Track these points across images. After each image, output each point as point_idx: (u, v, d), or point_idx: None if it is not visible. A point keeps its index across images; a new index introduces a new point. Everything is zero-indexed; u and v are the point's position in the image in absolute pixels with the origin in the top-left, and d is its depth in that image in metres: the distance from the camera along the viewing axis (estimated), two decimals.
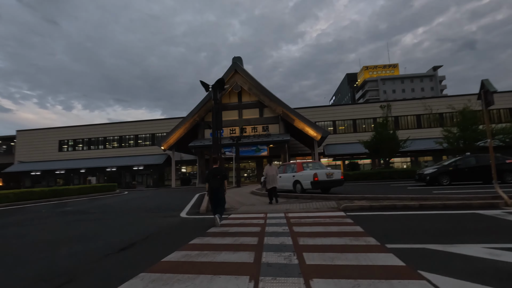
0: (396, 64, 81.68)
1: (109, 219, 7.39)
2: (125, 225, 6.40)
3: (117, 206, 10.94)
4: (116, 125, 43.41)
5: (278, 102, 30.21)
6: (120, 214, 8.23)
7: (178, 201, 11.90)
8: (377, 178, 17.49)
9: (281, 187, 12.19)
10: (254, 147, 30.32)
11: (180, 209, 8.92)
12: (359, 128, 39.79)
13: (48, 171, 38.78)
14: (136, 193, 19.59)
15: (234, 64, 31.41)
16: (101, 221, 7.08)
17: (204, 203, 9.21)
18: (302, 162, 11.39)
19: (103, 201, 13.49)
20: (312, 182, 10.17)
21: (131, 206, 10.77)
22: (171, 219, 6.88)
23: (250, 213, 7.43)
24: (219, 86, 8.23)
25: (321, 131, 28.91)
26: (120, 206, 10.92)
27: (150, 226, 6.10)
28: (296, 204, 8.38)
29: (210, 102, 33.37)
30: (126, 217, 7.68)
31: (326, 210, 7.19)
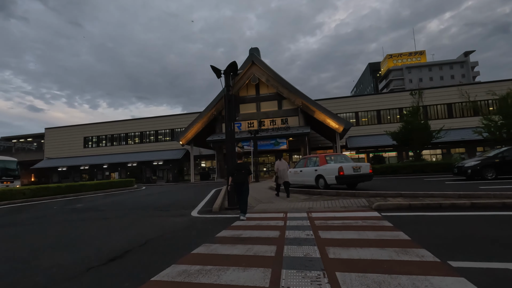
0: (423, 51, 76.93)
1: (114, 218, 6.84)
2: (128, 226, 5.78)
3: (129, 202, 10.50)
4: (137, 121, 43.96)
5: (297, 94, 28.99)
6: (128, 213, 7.68)
7: (192, 197, 11.31)
8: (407, 172, 16.04)
9: (302, 182, 11.24)
10: (273, 141, 29.38)
11: (192, 207, 8.26)
12: (383, 119, 37.69)
13: (73, 166, 40.05)
14: (154, 189, 19.38)
15: (251, 56, 30.44)
16: (105, 221, 6.53)
17: (218, 200, 8.49)
18: (326, 155, 10.37)
19: (118, 197, 13.19)
20: (337, 177, 9.15)
21: (143, 203, 10.29)
22: (179, 219, 6.19)
23: (268, 212, 6.59)
24: (232, 70, 7.38)
25: (343, 122, 27.44)
26: (132, 202, 10.47)
27: (154, 227, 5.43)
28: (320, 201, 7.44)
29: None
30: (133, 216, 7.10)
31: (355, 209, 6.21)
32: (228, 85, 7.64)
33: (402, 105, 36.75)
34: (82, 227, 5.82)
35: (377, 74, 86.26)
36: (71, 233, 5.24)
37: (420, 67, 72.32)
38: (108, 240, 4.51)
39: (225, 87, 7.66)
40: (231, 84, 7.75)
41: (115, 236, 4.80)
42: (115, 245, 4.14)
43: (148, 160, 37.01)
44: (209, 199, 10.22)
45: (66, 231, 5.55)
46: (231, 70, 7.50)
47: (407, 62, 76.82)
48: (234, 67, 7.42)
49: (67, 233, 5.32)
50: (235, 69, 7.47)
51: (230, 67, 7.42)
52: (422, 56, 76.83)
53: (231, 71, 7.55)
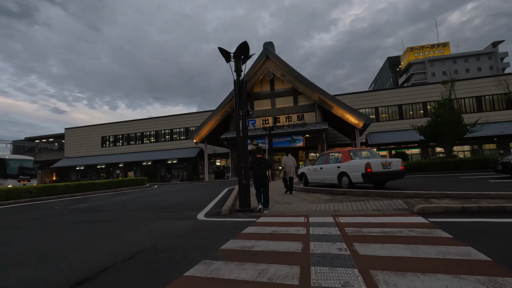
0: (447, 42, 73.00)
1: (111, 221, 6.07)
2: (122, 231, 4.96)
3: (135, 202, 9.80)
4: (152, 120, 44.01)
5: (314, 88, 27.70)
6: (129, 214, 6.91)
7: (203, 197, 10.49)
8: (438, 170, 14.53)
9: (322, 180, 10.15)
10: (288, 138, 28.25)
11: (200, 208, 7.40)
12: (405, 114, 35.69)
13: (91, 165, 40.57)
14: (166, 187, 18.80)
15: (265, 50, 29.41)
16: (100, 225, 5.76)
17: (228, 201, 7.58)
18: (349, 150, 9.22)
19: (126, 196, 12.59)
20: (363, 175, 8.01)
21: (150, 203, 9.55)
22: (182, 223, 5.31)
23: (286, 215, 5.60)
24: (243, 53, 6.43)
25: (363, 118, 25.94)
26: (138, 202, 9.77)
27: (151, 233, 4.58)
28: (346, 203, 6.36)
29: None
30: (133, 218, 6.31)
31: (393, 213, 5.11)
32: (239, 69, 6.69)
33: (427, 99, 34.66)
34: (70, 232, 5.06)
35: (396, 69, 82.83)
36: (54, 241, 4.48)
37: (444, 59, 68.62)
38: (90, 252, 3.68)
39: (235, 72, 6.72)
40: (243, 69, 6.80)
41: (101, 246, 3.96)
42: (94, 259, 3.30)
43: (162, 158, 36.84)
44: (220, 199, 9.35)
45: (51, 237, 4.80)
46: (242, 52, 6.55)
47: (429, 55, 73.15)
48: (245, 49, 6.47)
49: (50, 240, 4.56)
50: (247, 51, 6.51)
51: (241, 49, 6.47)
52: (445, 48, 72.92)
53: (242, 54, 6.60)
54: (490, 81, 32.44)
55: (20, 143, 65.12)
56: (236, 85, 6.66)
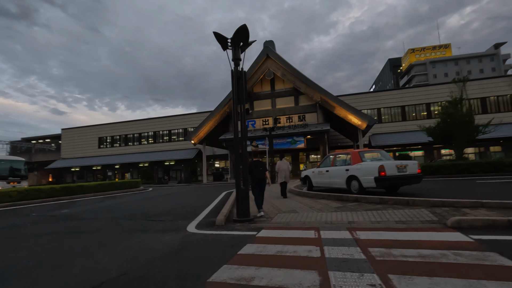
0: (448, 44, 72.39)
1: (86, 233, 5.19)
2: (91, 249, 4.08)
3: (121, 209, 8.90)
4: (150, 120, 43.13)
5: (315, 88, 26.88)
6: (109, 224, 6.02)
7: (198, 202, 9.61)
8: (450, 172, 13.67)
9: (328, 184, 9.28)
10: (289, 139, 27.40)
11: (193, 216, 6.52)
12: (408, 115, 34.93)
13: (87, 167, 39.64)
14: (161, 190, 17.88)
15: (265, 49, 28.61)
16: (70, 238, 4.88)
17: (225, 208, 6.70)
18: (359, 151, 8.36)
19: (115, 200, 11.68)
20: (377, 179, 7.14)
21: (138, 209, 8.66)
22: (168, 238, 4.44)
23: (292, 227, 4.73)
24: (241, 38, 5.58)
25: (366, 118, 25.10)
26: (125, 209, 8.87)
27: (125, 252, 3.70)
28: (361, 212, 5.49)
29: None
30: (112, 230, 5.43)
31: (421, 226, 4.24)
32: (237, 58, 5.84)
33: (430, 100, 33.92)
34: (27, 249, 4.17)
35: (397, 70, 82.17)
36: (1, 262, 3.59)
37: (446, 61, 67.97)
38: (35, 282, 2.80)
39: (233, 61, 5.87)
40: (242, 58, 5.95)
41: (57, 272, 3.09)
42: None
43: (159, 160, 35.92)
44: (217, 205, 8.47)
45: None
46: (240, 38, 5.70)
47: (430, 56, 72.54)
48: (244, 34, 5.62)
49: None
50: (246, 36, 5.66)
51: (239, 34, 5.62)
52: (447, 49, 72.32)
53: (240, 40, 5.75)
54: (497, 82, 31.74)
55: (17, 143, 64.26)
56: (234, 76, 5.80)
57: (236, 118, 5.82)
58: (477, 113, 31.25)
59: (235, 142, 5.91)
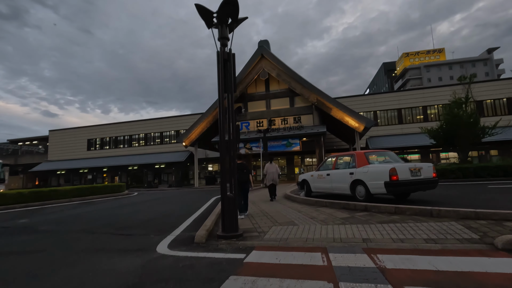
0: (442, 48, 72.75)
1: (26, 254, 4.05)
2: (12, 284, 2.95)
3: (91, 218, 7.71)
4: (141, 122, 41.76)
5: (311, 89, 26.00)
6: (62, 241, 4.87)
7: (183, 209, 8.49)
8: (456, 177, 12.79)
9: (329, 190, 8.25)
10: (284, 141, 26.41)
11: (171, 228, 5.41)
12: (405, 118, 34.40)
13: (73, 170, 37.99)
14: (147, 195, 16.63)
15: (260, 48, 27.71)
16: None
17: (209, 219, 5.61)
18: (365, 152, 7.37)
19: (90, 207, 10.44)
20: (387, 184, 6.14)
21: (112, 218, 7.49)
22: (126, 264, 3.33)
23: (292, 248, 3.66)
24: (229, 13, 4.55)
25: (364, 120, 24.30)
26: (95, 218, 7.68)
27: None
28: (375, 225, 4.46)
29: (235, 92, 30.04)
30: (62, 249, 4.29)
31: (461, 247, 3.22)
32: (224, 37, 4.80)
33: (427, 103, 33.46)
34: None
35: (392, 74, 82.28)
36: None
37: (440, 65, 68.17)
38: None
39: (219, 40, 4.83)
40: (230, 37, 4.92)
41: None
42: None
43: (149, 163, 34.52)
44: (203, 213, 7.37)
45: None
46: (227, 12, 4.66)
47: (424, 60, 72.73)
48: (233, 7, 4.58)
49: None
50: (235, 10, 4.63)
51: (226, 7, 4.58)
52: (441, 54, 72.64)
53: (228, 15, 4.71)
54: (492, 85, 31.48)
55: (3, 145, 62.25)
56: (221, 58, 4.75)
57: (223, 112, 4.77)
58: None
59: (220, 140, 4.85)
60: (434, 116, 33.00)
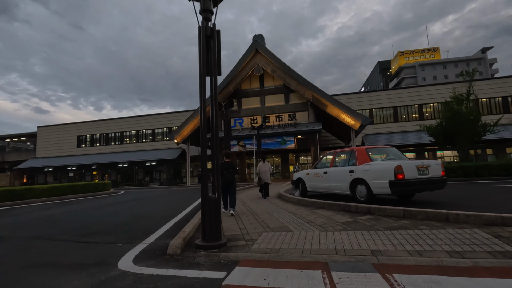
0: (437, 47, 72.78)
1: None
2: None
3: (64, 220, 6.91)
4: (133, 119, 40.63)
5: (307, 85, 25.37)
6: (15, 249, 4.10)
7: (167, 210, 7.74)
8: (457, 176, 12.27)
9: (328, 189, 7.58)
10: (279, 139, 25.75)
11: (145, 233, 4.67)
12: (400, 116, 34.05)
13: (61, 167, 36.77)
14: (134, 194, 15.78)
15: (254, 43, 26.94)
16: None
17: (189, 224, 4.88)
18: (367, 148, 6.70)
19: (67, 208, 9.60)
20: (392, 183, 5.49)
21: (85, 220, 6.71)
22: (75, 285, 2.59)
23: (284, 263, 2.95)
24: None
25: (360, 118, 23.78)
26: (69, 220, 6.88)
27: None
28: (384, 232, 3.78)
29: (228, 88, 29.33)
30: (11, 260, 3.53)
31: (497, 264, 2.56)
32: (207, 9, 4.06)
33: (423, 101, 33.12)
34: None
35: (387, 73, 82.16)
36: None
37: (434, 64, 68.20)
38: None
39: (201, 14, 4.08)
40: (214, 11, 4.18)
41: None
42: None
43: (140, 160, 33.51)
44: (186, 216, 6.63)
45: None
46: None
47: (419, 59, 72.69)
48: None
49: None
50: None
51: None
52: (436, 53, 72.67)
53: None
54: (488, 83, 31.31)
55: None
56: (202, 34, 4.00)
57: (204, 99, 4.03)
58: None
59: (201, 133, 4.13)
60: (430, 115, 32.73)
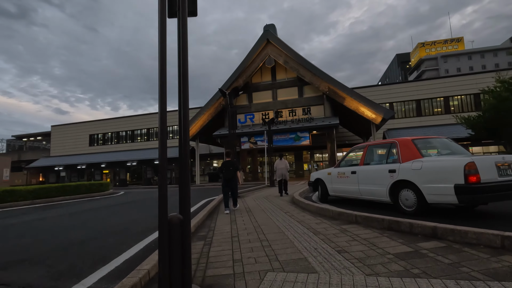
0: (461, 37, 68.44)
1: None
2: None
3: (17, 232, 5.53)
4: (144, 117, 39.92)
5: (322, 77, 23.44)
6: None
7: (150, 220, 6.22)
8: None
9: (356, 194, 5.81)
10: (292, 135, 23.95)
11: (94, 265, 3.14)
12: (424, 111, 31.55)
13: (71, 165, 36.44)
14: (130, 196, 14.33)
15: (265, 33, 25.22)
16: None
17: (147, 262, 3.28)
18: (413, 139, 4.91)
19: (43, 213, 8.25)
20: (461, 188, 3.72)
21: (31, 235, 5.27)
22: None
23: None
24: None
25: (382, 111, 21.68)
26: (23, 233, 5.49)
27: None
28: (489, 283, 2.07)
29: (238, 82, 27.66)
30: None
31: None
32: None
33: (450, 93, 30.41)
34: None
35: (406, 66, 78.24)
36: None
37: (458, 55, 64.00)
38: None
39: None
40: None
41: None
42: None
43: (148, 158, 32.55)
44: None
45: None
46: None
47: (441, 50, 68.59)
48: None
49: None
50: None
51: None
52: (459, 43, 68.38)
53: None
54: None
55: (13, 142, 62.33)
56: None
57: (161, 42, 2.39)
58: None
59: (160, 111, 2.52)
60: (456, 108, 30.08)
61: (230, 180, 6.42)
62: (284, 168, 9.33)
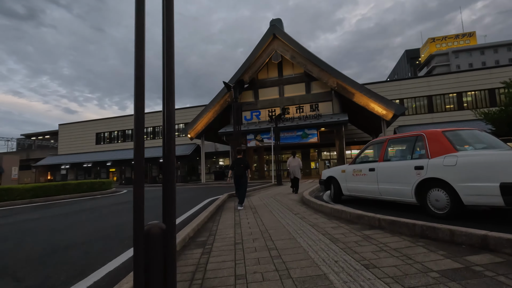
0: (473, 32, 66.47)
1: None
2: None
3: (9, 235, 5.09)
4: (148, 115, 39.73)
5: (331, 72, 22.69)
6: None
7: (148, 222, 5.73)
8: None
9: (375, 194, 5.20)
10: (300, 132, 23.29)
11: (63, 285, 2.64)
12: (435, 107, 30.54)
13: (77, 164, 36.46)
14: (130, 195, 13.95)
15: (272, 27, 24.57)
16: None
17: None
18: (444, 131, 4.28)
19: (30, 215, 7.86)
20: (509, 188, 3.10)
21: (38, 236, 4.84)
22: None
23: None
24: None
25: (393, 107, 20.85)
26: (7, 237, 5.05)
27: None
28: None
29: (243, 78, 27.09)
30: None
31: None
32: None
33: (464, 88, 29.32)
34: None
35: (416, 62, 76.47)
36: None
37: (470, 50, 62.16)
38: None
39: None
40: None
41: None
42: None
43: (154, 156, 32.28)
44: None
45: None
46: None
47: (452, 45, 66.74)
48: None
49: None
50: None
51: None
52: (471, 38, 66.42)
53: None
54: None
55: (22, 141, 63.25)
56: None
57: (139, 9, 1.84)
58: None
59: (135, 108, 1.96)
60: (469, 104, 29.03)
61: (241, 177, 6.69)
62: (297, 166, 9.49)
